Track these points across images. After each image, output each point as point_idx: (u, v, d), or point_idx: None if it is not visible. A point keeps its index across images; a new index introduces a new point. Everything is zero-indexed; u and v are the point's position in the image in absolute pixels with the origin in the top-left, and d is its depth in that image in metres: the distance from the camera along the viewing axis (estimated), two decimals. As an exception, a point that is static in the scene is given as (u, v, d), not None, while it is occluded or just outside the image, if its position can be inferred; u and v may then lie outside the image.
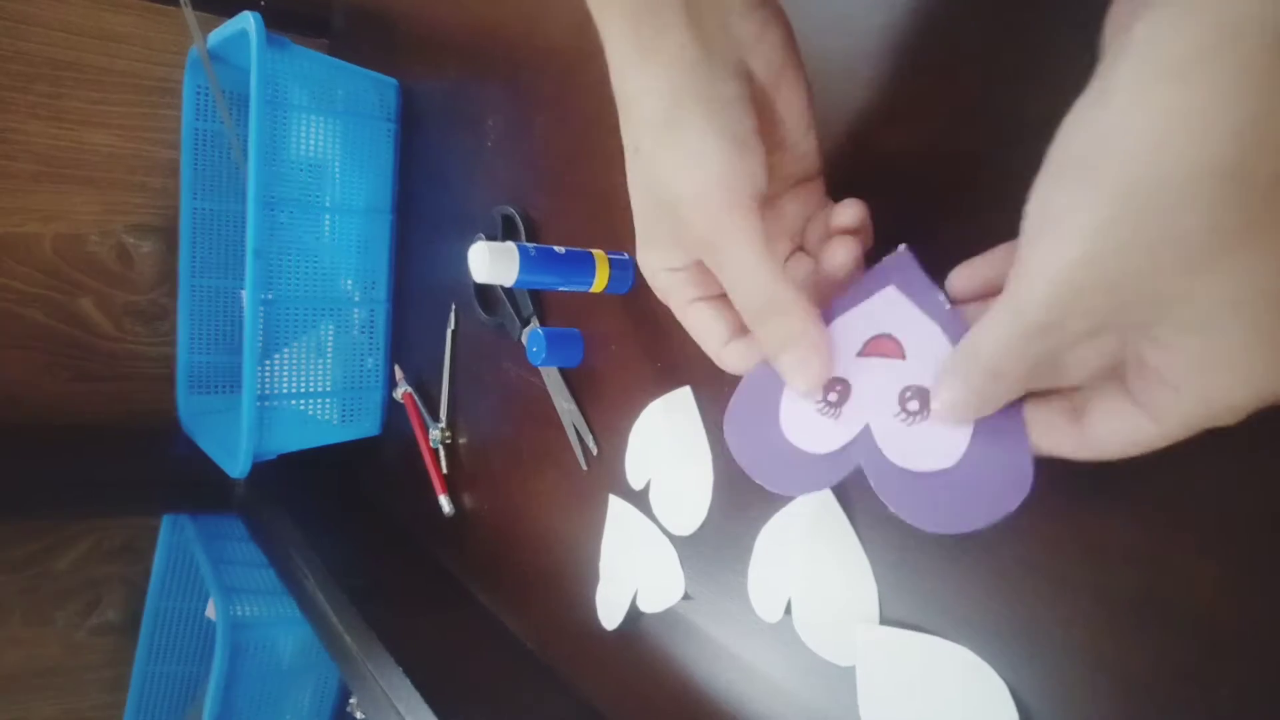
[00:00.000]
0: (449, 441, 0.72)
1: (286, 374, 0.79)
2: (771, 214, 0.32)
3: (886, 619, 0.35)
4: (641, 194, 0.29)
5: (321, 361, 0.82)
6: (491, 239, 0.52)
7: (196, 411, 0.92)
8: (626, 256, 0.49)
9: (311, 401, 0.81)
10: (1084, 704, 0.28)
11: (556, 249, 0.47)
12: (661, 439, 0.47)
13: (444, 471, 0.72)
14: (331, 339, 0.82)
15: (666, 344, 0.47)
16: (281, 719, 0.96)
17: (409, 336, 0.81)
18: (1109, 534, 0.28)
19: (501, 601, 0.66)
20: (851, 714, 0.36)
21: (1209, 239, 0.18)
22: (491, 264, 0.45)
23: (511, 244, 0.46)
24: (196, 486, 0.93)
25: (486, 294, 0.65)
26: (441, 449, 0.72)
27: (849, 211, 0.30)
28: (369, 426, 0.84)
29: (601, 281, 0.48)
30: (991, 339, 0.23)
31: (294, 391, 0.80)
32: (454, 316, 0.71)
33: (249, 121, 0.69)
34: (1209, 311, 0.19)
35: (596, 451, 0.53)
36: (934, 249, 0.28)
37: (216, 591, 0.85)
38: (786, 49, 0.29)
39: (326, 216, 0.81)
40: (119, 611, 1.04)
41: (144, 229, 0.97)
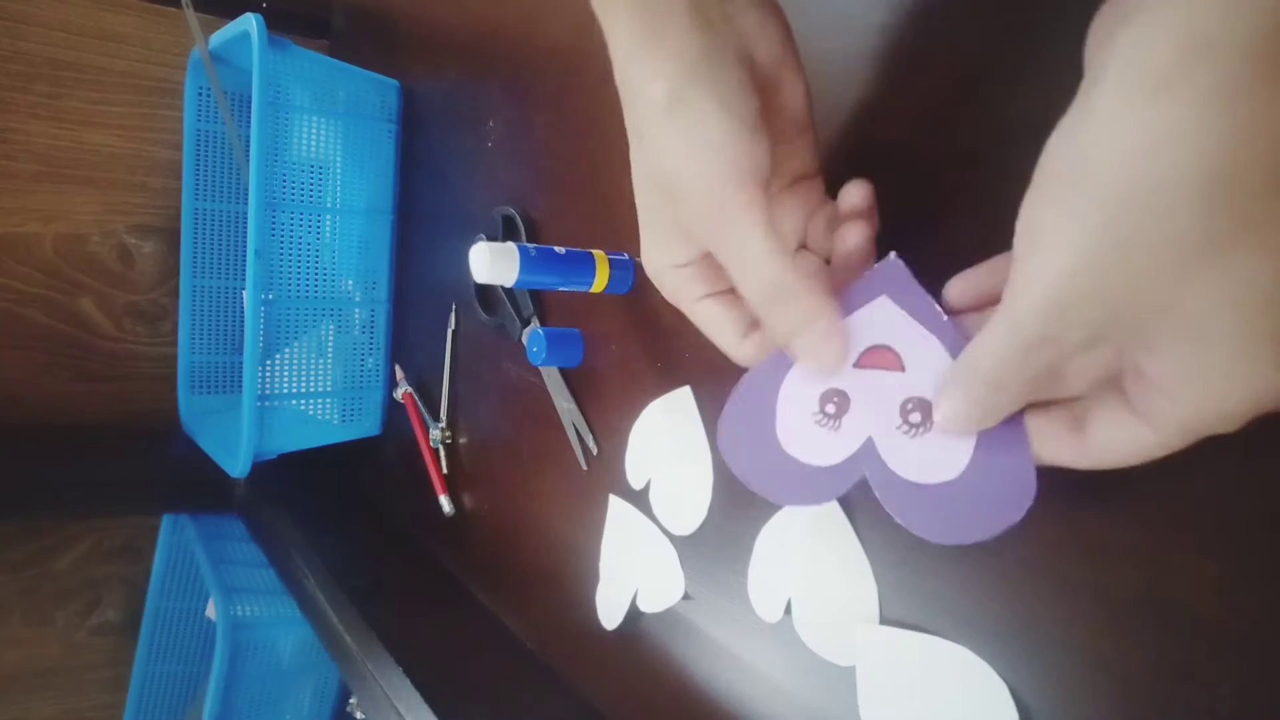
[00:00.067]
0: (449, 441, 0.72)
1: (287, 374, 0.79)
2: (774, 208, 0.32)
3: (886, 619, 0.35)
4: (645, 183, 0.29)
5: (322, 361, 0.82)
6: (492, 239, 0.52)
7: (197, 411, 0.92)
8: (626, 256, 0.49)
9: (312, 401, 0.81)
10: (1084, 704, 0.29)
11: (557, 249, 0.47)
12: (661, 439, 0.47)
13: (444, 471, 0.72)
14: (332, 339, 0.82)
15: (666, 344, 0.47)
16: (281, 719, 0.96)
17: (409, 336, 0.81)
18: (1109, 534, 0.28)
19: (501, 601, 0.66)
20: (851, 714, 0.36)
21: (1196, 248, 0.18)
22: (492, 264, 0.45)
23: (512, 244, 0.46)
24: (197, 486, 0.93)
25: (487, 294, 0.65)
26: (442, 449, 0.73)
27: (858, 191, 0.30)
28: (369, 426, 0.84)
29: (601, 281, 0.48)
30: (990, 353, 0.23)
31: (294, 391, 0.80)
32: (454, 316, 0.71)
33: (250, 122, 0.69)
34: (1199, 320, 0.19)
35: (596, 451, 0.53)
36: (933, 249, 0.28)
37: (216, 591, 0.85)
38: (785, 43, 0.29)
39: (327, 217, 0.81)
40: (119, 611, 1.04)
41: (145, 229, 0.97)
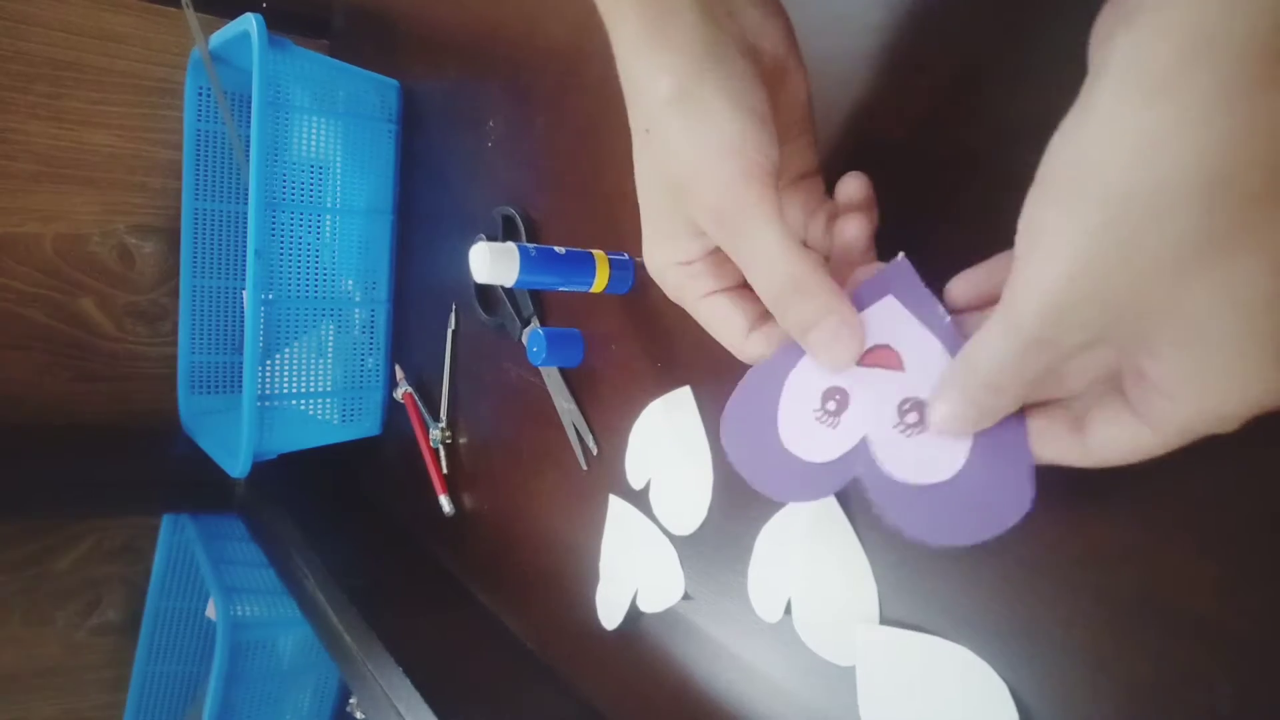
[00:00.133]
0: (449, 441, 0.72)
1: (287, 374, 0.79)
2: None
3: (886, 619, 0.35)
4: (650, 179, 0.29)
5: (322, 361, 0.82)
6: (492, 239, 0.52)
7: (197, 411, 0.92)
8: (626, 256, 0.49)
9: (312, 401, 0.81)
10: (1084, 704, 0.28)
11: (557, 249, 0.47)
12: (661, 439, 0.47)
13: (444, 471, 0.72)
14: (332, 339, 0.82)
15: (666, 344, 0.47)
16: (281, 719, 0.96)
17: (409, 336, 0.81)
18: (1109, 534, 0.28)
19: (501, 601, 0.66)
20: (851, 714, 0.36)
21: (1196, 249, 0.18)
22: (492, 264, 0.45)
23: (512, 244, 0.46)
24: (197, 486, 0.93)
25: (487, 294, 0.65)
26: (442, 449, 0.72)
27: (854, 184, 0.30)
28: (369, 426, 0.84)
29: (601, 281, 0.48)
30: (988, 354, 0.23)
31: (294, 391, 0.80)
32: (454, 316, 0.71)
33: (250, 122, 0.69)
34: (1198, 322, 0.19)
35: (596, 451, 0.53)
36: (933, 250, 0.28)
37: (216, 591, 0.85)
38: (788, 40, 0.29)
39: (327, 217, 0.81)
40: (119, 611, 1.04)
41: (145, 229, 0.97)
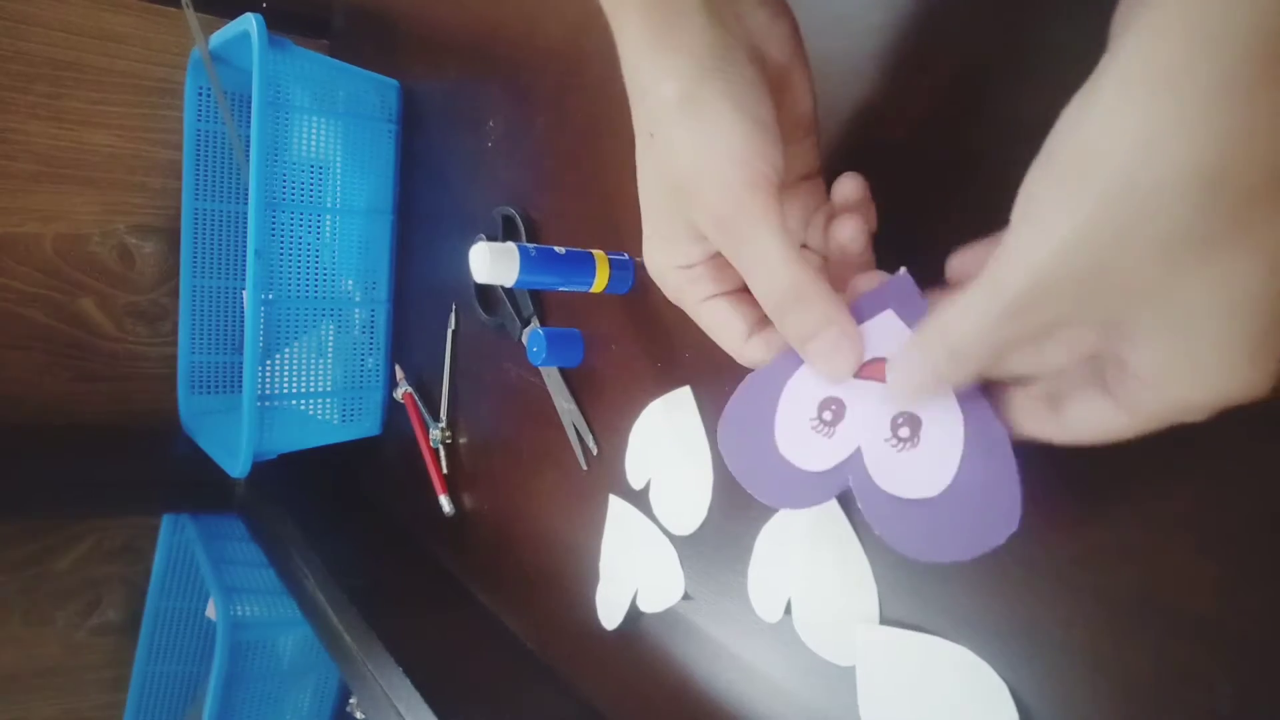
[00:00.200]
0: (449, 441, 0.72)
1: (287, 374, 0.79)
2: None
3: (886, 619, 0.35)
4: (653, 184, 0.29)
5: (322, 361, 0.82)
6: (492, 239, 0.52)
7: (197, 411, 0.92)
8: (626, 256, 0.49)
9: (312, 401, 0.81)
10: (1084, 704, 0.28)
11: (557, 249, 0.47)
12: (661, 439, 0.47)
13: (444, 471, 0.72)
14: (332, 339, 0.82)
15: (666, 344, 0.47)
16: (281, 719, 0.96)
17: (409, 336, 0.81)
18: (1109, 534, 0.28)
19: (501, 601, 0.66)
20: (851, 714, 0.36)
21: (1182, 244, 0.18)
22: (492, 264, 0.45)
23: (512, 244, 0.46)
24: (197, 486, 0.93)
25: (487, 294, 0.65)
26: (442, 449, 0.72)
27: (850, 184, 0.30)
28: (369, 426, 0.84)
29: (601, 281, 0.48)
30: (963, 317, 0.23)
31: (294, 391, 0.80)
32: (454, 316, 0.71)
33: (250, 122, 0.69)
34: (1182, 314, 0.19)
35: (596, 451, 0.53)
36: (934, 250, 0.28)
37: (216, 591, 0.85)
38: (794, 42, 0.29)
39: (327, 217, 0.81)
40: (119, 611, 1.04)
41: (145, 229, 0.97)
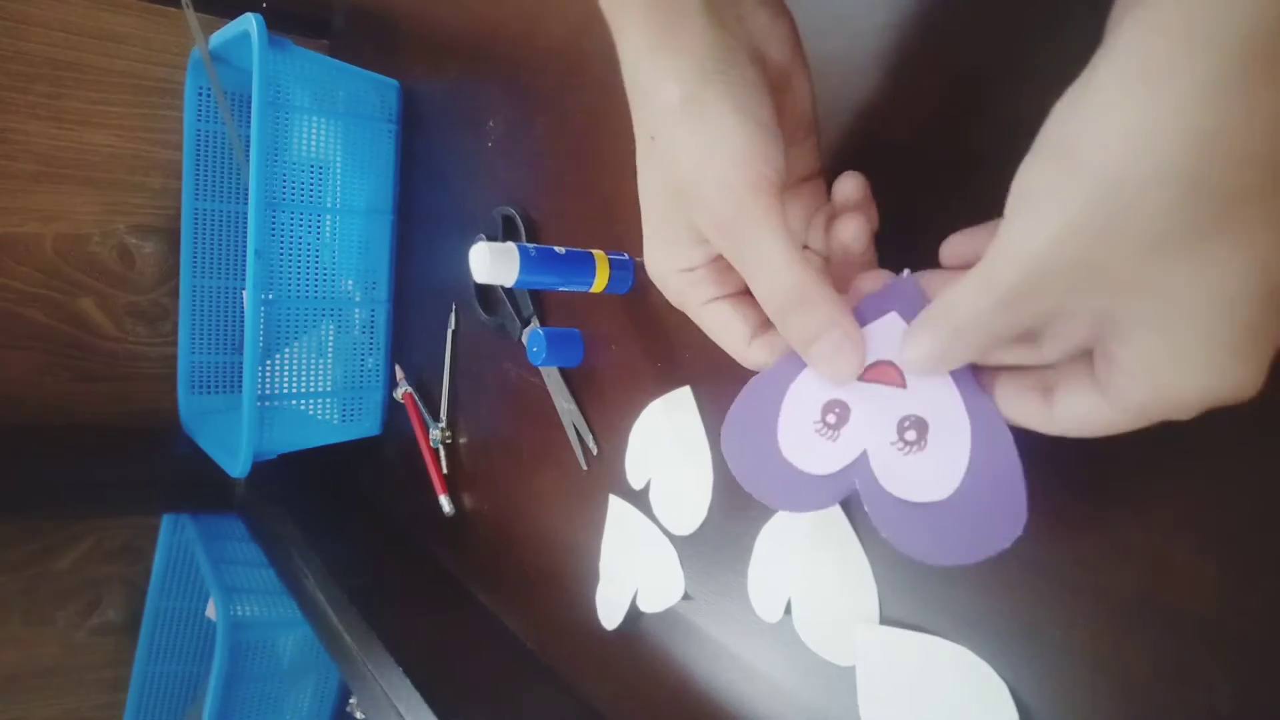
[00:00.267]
0: (449, 441, 0.72)
1: (287, 374, 0.79)
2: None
3: (886, 619, 0.35)
4: (654, 186, 0.29)
5: (322, 361, 0.82)
6: (492, 239, 0.52)
7: (197, 411, 0.92)
8: (626, 257, 0.49)
9: (312, 401, 0.81)
10: (1084, 704, 0.28)
11: (557, 249, 0.47)
12: (661, 439, 0.47)
13: (444, 471, 0.72)
14: (332, 339, 0.82)
15: (666, 344, 0.47)
16: (281, 719, 0.96)
17: (409, 336, 0.81)
18: (1109, 534, 0.28)
19: (501, 601, 0.66)
20: (851, 714, 0.36)
21: (1178, 240, 0.19)
22: (492, 264, 0.45)
23: (512, 244, 0.46)
24: (197, 486, 0.93)
25: (487, 294, 0.65)
26: (441, 449, 0.72)
27: (850, 183, 0.30)
28: (369, 426, 0.84)
29: (601, 281, 0.48)
30: (963, 301, 0.23)
31: (294, 391, 0.80)
32: (454, 316, 0.71)
33: (250, 122, 0.69)
34: (1170, 309, 0.20)
35: (596, 451, 0.53)
36: (935, 250, 0.28)
37: (216, 591, 0.85)
38: (794, 44, 0.29)
39: (327, 217, 0.81)
40: (119, 611, 1.04)
41: (145, 229, 0.97)
